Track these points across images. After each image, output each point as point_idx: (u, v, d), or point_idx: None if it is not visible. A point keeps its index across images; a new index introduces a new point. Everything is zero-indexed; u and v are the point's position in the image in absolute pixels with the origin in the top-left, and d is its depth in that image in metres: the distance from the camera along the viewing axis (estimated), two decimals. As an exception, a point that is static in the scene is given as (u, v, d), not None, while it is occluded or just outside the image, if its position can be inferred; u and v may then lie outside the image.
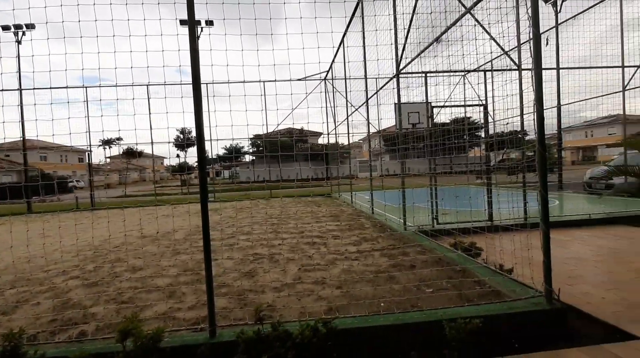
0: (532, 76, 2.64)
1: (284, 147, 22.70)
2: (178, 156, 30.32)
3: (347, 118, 11.39)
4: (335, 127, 13.08)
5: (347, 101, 11.00)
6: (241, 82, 3.77)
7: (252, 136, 23.84)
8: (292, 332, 2.18)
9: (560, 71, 9.51)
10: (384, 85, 7.13)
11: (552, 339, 2.45)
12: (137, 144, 28.29)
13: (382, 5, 6.56)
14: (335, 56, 11.26)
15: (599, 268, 3.77)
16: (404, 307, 2.78)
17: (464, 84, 8.75)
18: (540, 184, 2.63)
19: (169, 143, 22.37)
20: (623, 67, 7.41)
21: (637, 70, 7.03)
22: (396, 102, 6.97)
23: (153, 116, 12.75)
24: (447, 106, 6.47)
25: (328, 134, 15.19)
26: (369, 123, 8.24)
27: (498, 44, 5.44)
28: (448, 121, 7.48)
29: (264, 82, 14.96)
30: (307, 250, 5.00)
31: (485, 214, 5.92)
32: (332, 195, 14.54)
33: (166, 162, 52.36)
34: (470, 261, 3.76)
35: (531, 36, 2.60)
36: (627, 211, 6.33)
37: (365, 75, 8.20)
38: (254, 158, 33.23)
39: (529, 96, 2.79)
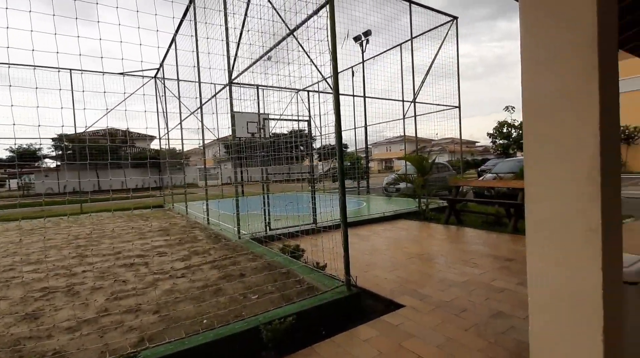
0: (333, 101, 3.14)
1: (103, 151, 18.92)
2: None
3: (181, 123, 10.58)
4: (168, 132, 11.90)
5: (180, 103, 10.21)
6: (31, 66, 2.90)
7: (55, 136, 18.85)
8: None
9: (369, 98, 11.86)
10: (218, 92, 7.01)
11: (352, 320, 2.96)
12: None
13: (214, 15, 6.44)
14: (165, 56, 10.28)
15: (386, 255, 4.85)
16: (227, 319, 2.76)
17: (297, 101, 9.68)
18: (339, 190, 3.15)
19: None
20: (403, 101, 9.95)
21: (410, 105, 9.57)
22: (236, 111, 7.01)
23: None
24: (275, 119, 6.95)
25: (160, 138, 13.65)
26: (203, 130, 7.90)
27: (318, 70, 6.28)
28: (286, 133, 8.07)
29: (70, 70, 12.09)
30: (122, 274, 4.29)
31: (311, 218, 6.65)
32: (166, 206, 13.11)
33: None
34: (294, 263, 4.12)
35: (331, 71, 3.10)
36: (407, 209, 8.45)
37: (199, 79, 7.85)
38: (59, 163, 26.32)
39: (347, 116, 3.31)
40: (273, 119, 7.15)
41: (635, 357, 1.93)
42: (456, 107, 9.76)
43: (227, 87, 6.14)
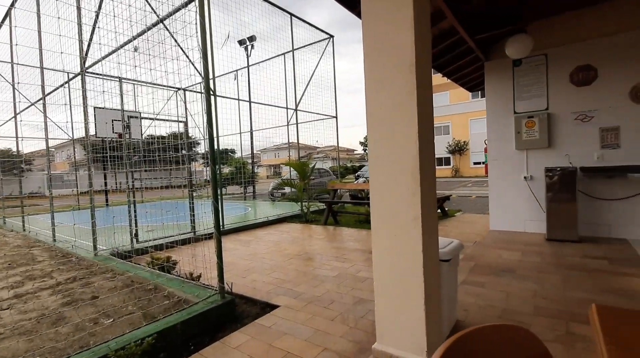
0: (202, 102, 3.00)
1: None
2: None
3: (15, 117, 8.41)
4: (-6, 126, 9.29)
5: (14, 91, 8.13)
6: None
7: None
8: None
9: (255, 104, 11.79)
10: (67, 82, 5.86)
11: (225, 329, 2.84)
12: None
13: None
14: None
15: (266, 258, 4.87)
16: (69, 352, 2.29)
17: (177, 100, 8.88)
18: (212, 195, 3.02)
19: None
20: (287, 108, 10.30)
21: (293, 113, 9.98)
22: (95, 106, 5.95)
23: None
24: (148, 118, 6.25)
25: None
26: (47, 125, 6.45)
27: (196, 68, 5.93)
28: (166, 135, 7.27)
29: None
30: None
31: (192, 225, 6.18)
32: (-10, 223, 10.15)
33: None
34: (163, 276, 3.73)
35: (202, 70, 2.97)
36: (291, 212, 8.72)
37: (42, 65, 6.41)
38: None
39: (233, 120, 3.16)
40: (147, 118, 6.39)
41: (449, 318, 2.42)
42: (334, 117, 10.64)
43: (80, 77, 5.20)
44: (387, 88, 1.97)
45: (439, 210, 8.14)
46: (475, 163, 29.25)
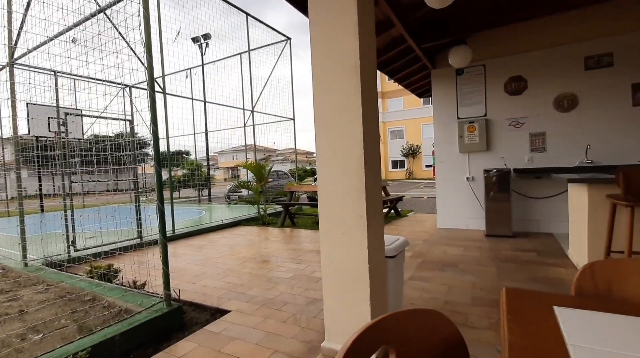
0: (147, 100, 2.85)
1: None
2: None
3: None
4: None
5: None
6: None
7: None
8: None
9: (211, 104, 11.42)
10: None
11: (171, 337, 2.71)
12: None
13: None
14: None
15: (219, 262, 4.73)
16: (-16, 375, 2.05)
17: (124, 97, 8.32)
18: (157, 198, 2.88)
19: None
20: (244, 109, 10.10)
21: (250, 114, 9.83)
22: (28, 102, 5.40)
23: None
24: (90, 116, 5.79)
25: None
26: (-35, 123, 5.71)
27: (143, 64, 5.60)
28: (112, 134, 6.75)
29: None
30: None
31: (138, 231, 5.80)
32: None
33: None
34: (103, 286, 3.47)
35: (145, 64, 2.82)
36: (248, 215, 8.55)
37: (-42, 53, 5.67)
38: None
39: (187, 119, 3.01)
40: (88, 116, 5.90)
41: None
42: (291, 119, 10.64)
43: (8, 69, 4.69)
44: (333, 90, 2.02)
45: (392, 211, 8.48)
46: (427, 166, 30.87)
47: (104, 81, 6.10)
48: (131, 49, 4.93)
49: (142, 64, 5.56)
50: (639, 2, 4.52)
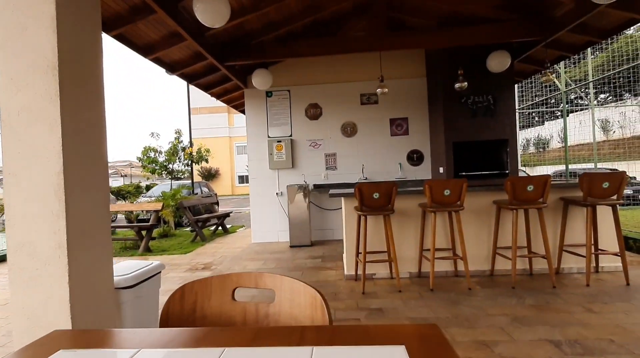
0: None
1: None
2: None
3: None
4: None
5: None
6: None
7: None
8: None
9: None
10: None
11: None
12: None
13: None
14: None
15: None
16: None
17: None
18: None
19: None
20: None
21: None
22: None
23: None
24: None
25: None
26: None
27: None
28: None
29: None
30: None
31: None
32: None
33: None
34: None
35: None
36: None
37: None
38: None
39: None
40: None
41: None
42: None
43: None
44: (26, 90, 1.64)
45: (220, 227, 8.20)
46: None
47: None
48: None
49: None
50: (397, 55, 5.95)
